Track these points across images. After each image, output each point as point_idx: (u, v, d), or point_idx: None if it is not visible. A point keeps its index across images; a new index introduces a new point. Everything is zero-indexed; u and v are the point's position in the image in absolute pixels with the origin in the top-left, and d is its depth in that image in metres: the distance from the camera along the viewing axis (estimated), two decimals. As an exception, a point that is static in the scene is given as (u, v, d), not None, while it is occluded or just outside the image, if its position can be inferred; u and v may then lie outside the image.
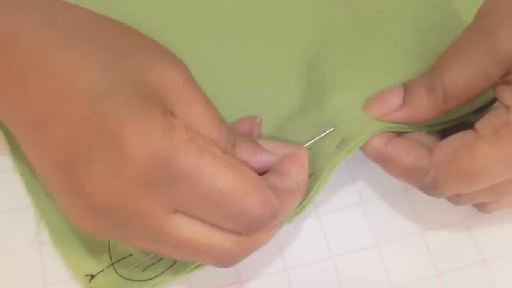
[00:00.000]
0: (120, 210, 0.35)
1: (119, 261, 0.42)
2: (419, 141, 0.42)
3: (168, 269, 0.41)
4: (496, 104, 0.40)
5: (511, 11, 0.40)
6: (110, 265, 0.41)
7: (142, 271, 0.41)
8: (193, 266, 0.40)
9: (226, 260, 0.37)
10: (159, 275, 0.41)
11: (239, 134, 0.39)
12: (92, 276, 0.41)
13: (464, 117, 0.44)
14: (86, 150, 0.34)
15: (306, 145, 0.42)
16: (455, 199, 0.43)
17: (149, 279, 0.41)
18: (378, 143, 0.42)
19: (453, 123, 0.44)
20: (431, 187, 0.41)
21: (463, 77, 0.40)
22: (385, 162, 0.42)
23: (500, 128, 0.39)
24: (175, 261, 0.41)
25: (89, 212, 0.35)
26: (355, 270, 0.44)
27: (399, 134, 0.43)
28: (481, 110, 0.43)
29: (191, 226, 0.36)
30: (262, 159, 0.39)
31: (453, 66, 0.41)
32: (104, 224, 0.36)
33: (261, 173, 0.38)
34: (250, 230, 0.36)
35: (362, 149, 0.43)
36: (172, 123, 0.34)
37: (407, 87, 0.43)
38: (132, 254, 0.42)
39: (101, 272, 0.41)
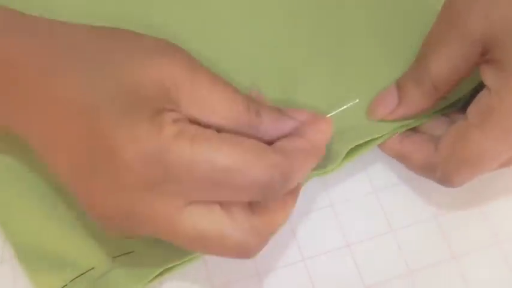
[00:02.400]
0: (129, 218, 0.36)
1: (85, 273, 0.42)
2: (431, 134, 0.44)
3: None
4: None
5: None
6: (72, 280, 0.41)
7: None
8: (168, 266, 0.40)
9: (242, 249, 0.37)
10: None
11: (261, 102, 0.39)
12: None
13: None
14: (87, 166, 0.35)
15: (330, 115, 0.43)
16: None
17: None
18: (392, 142, 0.44)
19: (461, 102, 0.45)
20: (444, 181, 0.42)
21: (445, 63, 0.42)
22: (401, 159, 0.44)
23: (485, 112, 0.40)
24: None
25: (102, 223, 0.36)
26: (329, 270, 0.44)
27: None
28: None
29: (203, 217, 0.36)
30: (286, 124, 0.38)
31: (434, 54, 0.42)
32: (120, 231, 0.37)
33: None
34: (267, 198, 0.36)
35: (378, 146, 0.45)
36: (160, 121, 0.35)
37: (399, 85, 0.44)
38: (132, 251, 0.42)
39: (64, 287, 0.41)
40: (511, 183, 0.46)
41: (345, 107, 0.44)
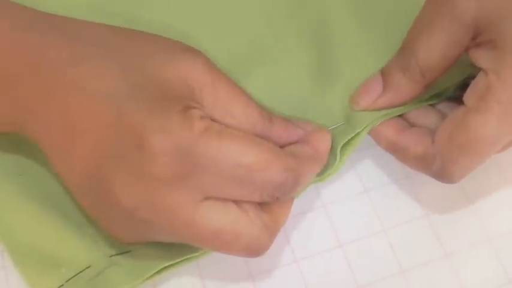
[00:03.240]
0: (149, 208, 0.36)
1: (81, 272, 0.41)
2: (426, 126, 0.43)
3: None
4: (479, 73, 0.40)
5: None
6: (69, 279, 0.41)
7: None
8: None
9: (255, 249, 0.38)
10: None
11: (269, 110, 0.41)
12: None
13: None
14: (112, 153, 0.36)
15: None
16: None
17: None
18: (389, 133, 0.43)
19: (448, 94, 0.44)
20: (442, 173, 0.42)
21: (435, 48, 0.41)
22: (396, 151, 0.43)
23: (483, 93, 0.39)
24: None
25: (120, 214, 0.37)
26: (322, 271, 0.44)
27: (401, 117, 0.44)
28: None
29: (219, 213, 0.37)
30: (294, 132, 0.41)
31: (422, 40, 0.42)
32: (136, 226, 0.38)
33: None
34: (276, 196, 0.38)
35: (373, 138, 0.44)
36: (190, 116, 0.36)
37: (383, 73, 0.44)
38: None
39: (60, 287, 0.41)
40: (499, 180, 0.46)
41: (332, 127, 0.44)
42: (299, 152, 0.40)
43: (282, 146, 0.40)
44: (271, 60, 0.47)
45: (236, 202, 0.38)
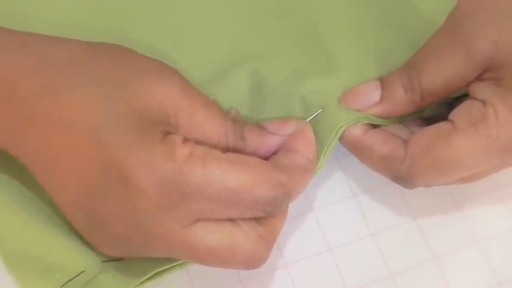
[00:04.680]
0: (142, 235, 0.37)
1: (75, 277, 0.41)
2: (393, 133, 0.43)
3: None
4: (471, 97, 0.41)
5: (486, 14, 0.41)
6: (63, 285, 0.41)
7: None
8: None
9: (253, 262, 0.38)
10: None
11: (243, 121, 0.40)
12: None
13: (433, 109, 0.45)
14: (97, 185, 0.36)
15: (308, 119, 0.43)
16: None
17: None
18: (356, 132, 0.43)
19: (422, 115, 0.45)
20: (405, 177, 0.42)
21: (440, 77, 0.42)
22: (361, 151, 0.43)
23: (477, 120, 0.40)
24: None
25: (114, 239, 0.37)
26: (311, 275, 0.44)
27: (374, 126, 0.44)
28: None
29: (212, 232, 0.37)
30: (271, 142, 0.40)
31: (430, 66, 0.42)
32: (129, 249, 0.38)
33: (271, 155, 0.40)
34: (268, 212, 0.37)
35: (339, 139, 0.44)
36: (172, 144, 0.36)
37: (385, 83, 0.44)
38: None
39: None
40: (486, 184, 0.46)
41: (311, 117, 0.44)
42: (288, 163, 0.39)
43: (267, 158, 0.39)
44: (259, 63, 0.47)
45: (229, 219, 0.38)
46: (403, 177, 0.42)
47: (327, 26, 0.48)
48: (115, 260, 0.42)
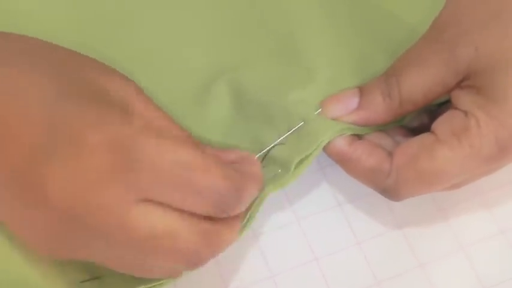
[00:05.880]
0: (82, 207, 0.34)
1: None
2: (379, 144, 0.44)
3: None
4: (452, 107, 0.42)
5: (468, 23, 0.41)
6: None
7: None
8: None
9: (193, 257, 0.37)
10: None
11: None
12: None
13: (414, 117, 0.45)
14: (44, 151, 0.34)
15: (280, 139, 0.44)
16: None
17: None
18: (341, 144, 0.43)
19: (406, 123, 0.45)
20: (391, 190, 0.42)
21: (421, 85, 0.42)
22: (347, 162, 0.43)
23: (459, 131, 0.40)
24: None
25: (50, 217, 0.35)
26: (298, 285, 0.44)
27: (359, 136, 0.44)
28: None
29: (156, 216, 0.35)
30: (230, 157, 0.40)
31: (410, 74, 0.42)
32: (65, 233, 0.36)
33: None
34: (218, 210, 0.36)
35: (324, 149, 0.44)
36: (131, 112, 0.35)
37: (363, 91, 0.44)
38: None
39: None
40: (470, 191, 0.46)
41: (290, 132, 0.44)
42: (239, 168, 0.38)
43: None
44: (239, 75, 0.47)
45: (178, 210, 0.36)
46: (389, 190, 0.42)
47: (306, 36, 0.48)
48: (93, 279, 0.41)
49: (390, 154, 0.42)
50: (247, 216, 0.41)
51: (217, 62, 0.47)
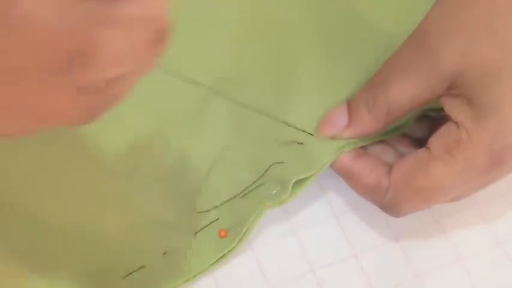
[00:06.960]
0: None
1: None
2: (382, 159, 0.44)
3: None
4: (446, 117, 0.41)
5: (452, 28, 0.41)
6: None
7: None
8: None
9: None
10: None
11: None
12: None
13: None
14: None
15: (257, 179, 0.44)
16: None
17: None
18: (345, 159, 0.44)
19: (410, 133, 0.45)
20: (391, 206, 0.42)
21: (408, 91, 0.42)
22: (350, 178, 0.44)
23: (451, 146, 0.40)
24: None
25: None
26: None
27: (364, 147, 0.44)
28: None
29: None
30: None
31: (397, 80, 0.42)
32: None
33: None
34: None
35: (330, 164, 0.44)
36: None
37: (349, 106, 0.44)
38: None
39: None
40: (467, 202, 0.46)
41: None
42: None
43: None
44: (235, 90, 0.47)
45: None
46: (389, 206, 0.42)
47: (300, 53, 0.48)
48: (137, 270, 0.41)
49: (391, 169, 0.42)
50: (244, 229, 0.42)
51: (216, 78, 0.47)
